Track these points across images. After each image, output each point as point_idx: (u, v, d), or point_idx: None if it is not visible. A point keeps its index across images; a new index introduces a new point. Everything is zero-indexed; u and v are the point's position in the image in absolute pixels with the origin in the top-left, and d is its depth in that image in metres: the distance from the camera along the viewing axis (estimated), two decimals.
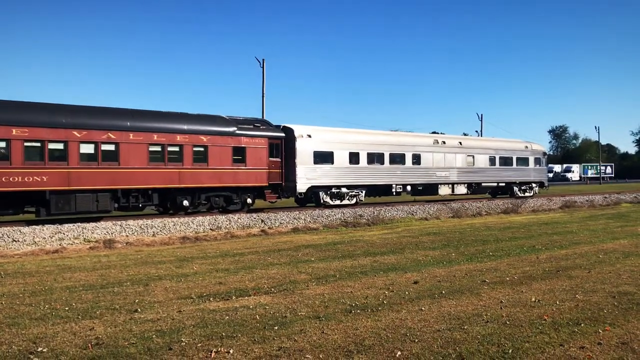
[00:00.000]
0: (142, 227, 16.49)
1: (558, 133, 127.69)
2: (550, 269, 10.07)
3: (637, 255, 11.59)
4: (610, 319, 6.50)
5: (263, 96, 37.41)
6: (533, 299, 7.56)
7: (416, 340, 5.76)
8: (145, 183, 18.57)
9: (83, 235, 15.23)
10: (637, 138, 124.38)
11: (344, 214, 20.92)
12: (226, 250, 13.47)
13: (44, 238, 14.63)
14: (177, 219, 17.88)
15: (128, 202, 18.56)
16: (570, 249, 12.72)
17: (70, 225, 15.94)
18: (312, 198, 24.09)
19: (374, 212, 21.52)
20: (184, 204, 19.67)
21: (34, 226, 15.56)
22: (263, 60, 37.70)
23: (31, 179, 16.29)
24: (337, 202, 24.42)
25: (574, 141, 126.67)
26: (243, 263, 11.31)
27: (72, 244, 14.35)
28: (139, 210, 19.59)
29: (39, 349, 5.57)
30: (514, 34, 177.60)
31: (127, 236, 15.57)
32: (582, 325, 6.25)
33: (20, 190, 16.26)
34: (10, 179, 15.92)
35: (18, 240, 14.23)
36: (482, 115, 64.72)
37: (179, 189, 19.50)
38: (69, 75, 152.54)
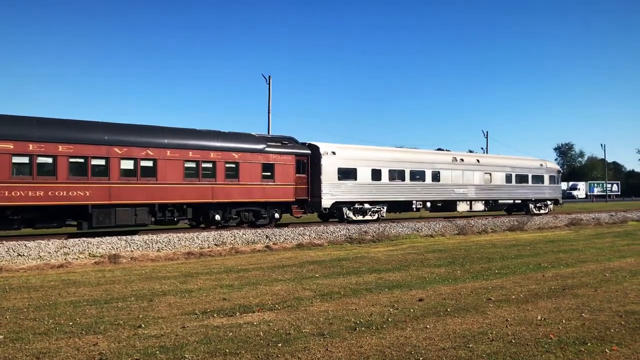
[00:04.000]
0: (147, 242, 16.51)
1: (564, 151, 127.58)
2: (556, 287, 10.00)
3: None
4: (617, 339, 6.44)
5: (269, 112, 37.85)
6: (539, 318, 7.50)
7: (421, 358, 5.72)
8: (181, 198, 19.28)
9: (88, 250, 15.25)
10: None
11: (348, 230, 20.87)
12: (231, 266, 13.45)
13: (49, 252, 14.66)
14: (182, 234, 17.94)
15: (164, 217, 19.22)
16: (577, 267, 12.63)
17: (76, 240, 16.00)
18: (335, 213, 24.48)
19: (379, 229, 21.46)
20: (216, 218, 20.31)
21: (39, 241, 15.62)
22: (269, 77, 38.23)
23: (75, 193, 17.02)
24: (360, 217, 24.76)
25: (580, 159, 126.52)
26: (247, 279, 11.28)
27: (77, 259, 14.36)
28: (173, 224, 20.33)
29: None
30: (520, 51, 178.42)
31: (132, 251, 15.59)
32: (588, 344, 6.19)
33: (64, 205, 16.96)
34: (56, 193, 16.69)
35: (23, 255, 14.27)
36: (487, 132, 64.84)
37: (211, 204, 20.15)
38: (65, 91, 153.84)
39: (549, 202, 34.86)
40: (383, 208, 25.72)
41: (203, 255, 15.60)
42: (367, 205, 25.02)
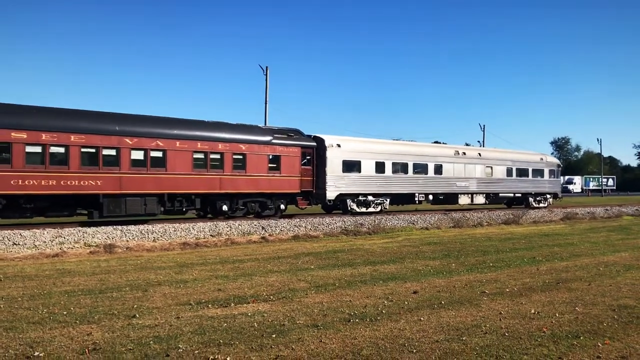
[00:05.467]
0: (143, 232, 16.49)
1: (560, 144, 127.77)
2: (550, 280, 10.04)
3: (638, 268, 11.55)
4: (610, 333, 6.47)
5: (266, 103, 37.81)
6: (532, 311, 7.53)
7: (414, 350, 5.74)
8: (189, 188, 19.53)
9: (84, 240, 15.23)
10: (639, 151, 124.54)
11: (344, 222, 20.90)
12: (226, 256, 13.46)
13: (45, 242, 14.63)
14: (178, 224, 17.95)
15: (173, 207, 19.46)
16: (571, 261, 12.68)
17: (71, 229, 15.98)
18: (339, 205, 24.70)
19: (374, 221, 21.49)
20: (224, 209, 20.62)
21: (34, 230, 15.59)
22: (266, 67, 38.14)
23: (86, 182, 17.26)
24: (363, 209, 24.96)
25: (576, 153, 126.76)
26: (242, 270, 11.29)
27: (72, 248, 14.35)
28: (182, 214, 20.64)
29: (36, 354, 5.55)
30: (517, 45, 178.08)
31: (127, 241, 15.57)
32: (581, 338, 6.23)
33: (76, 194, 17.16)
34: (68, 182, 16.92)
35: (18, 244, 14.23)
36: (484, 125, 64.67)
37: (219, 194, 20.44)
38: (58, 81, 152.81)
39: (548, 196, 35.36)
40: (386, 200, 25.94)
41: (199, 246, 15.61)
42: (370, 198, 25.23)
